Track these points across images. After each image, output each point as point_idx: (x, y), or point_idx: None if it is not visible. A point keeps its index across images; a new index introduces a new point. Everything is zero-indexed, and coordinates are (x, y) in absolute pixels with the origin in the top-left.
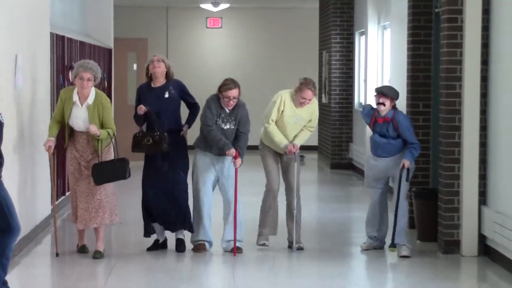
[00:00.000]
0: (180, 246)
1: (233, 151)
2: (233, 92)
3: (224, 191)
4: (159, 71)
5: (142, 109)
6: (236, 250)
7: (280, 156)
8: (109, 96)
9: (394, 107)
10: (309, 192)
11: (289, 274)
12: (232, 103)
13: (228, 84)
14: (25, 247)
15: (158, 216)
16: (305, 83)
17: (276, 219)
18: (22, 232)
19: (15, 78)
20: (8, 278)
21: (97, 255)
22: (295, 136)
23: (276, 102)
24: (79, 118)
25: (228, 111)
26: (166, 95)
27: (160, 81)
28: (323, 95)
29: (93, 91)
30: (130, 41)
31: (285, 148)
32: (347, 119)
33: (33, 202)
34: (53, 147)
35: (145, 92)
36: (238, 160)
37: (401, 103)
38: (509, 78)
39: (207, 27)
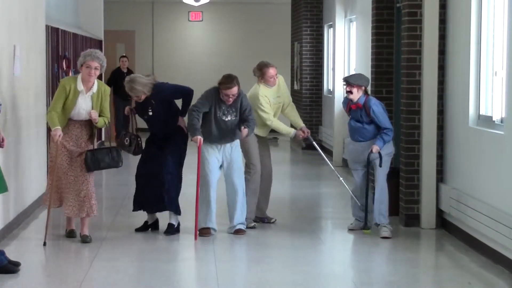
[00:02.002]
0: (168, 229)
1: (197, 138)
2: (233, 91)
3: (229, 177)
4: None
5: (126, 110)
6: (239, 232)
7: (257, 138)
8: None
9: (366, 93)
10: (283, 171)
11: (264, 246)
12: (231, 99)
13: (227, 82)
14: (23, 221)
15: (141, 197)
16: (263, 66)
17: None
18: (20, 207)
19: (14, 67)
20: (6, 249)
21: (87, 239)
22: (294, 120)
23: (263, 102)
24: (82, 108)
25: (228, 104)
26: (150, 113)
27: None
28: (295, 83)
29: (95, 80)
30: (119, 33)
31: (296, 135)
32: (317, 104)
33: (30, 178)
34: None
35: (137, 103)
36: (245, 131)
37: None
38: (463, 66)
39: (189, 20)
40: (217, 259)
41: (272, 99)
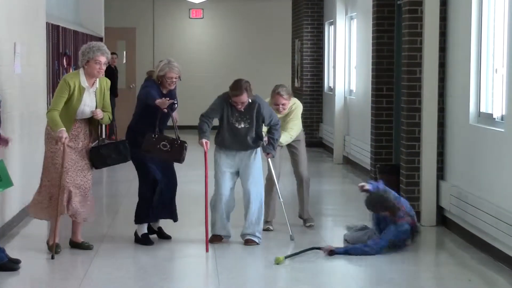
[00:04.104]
0: (165, 233)
1: (202, 142)
2: (241, 98)
3: (244, 184)
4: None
5: (162, 102)
6: (248, 243)
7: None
8: None
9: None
10: (284, 168)
11: (264, 243)
12: (241, 106)
13: (234, 89)
14: (23, 219)
15: (160, 204)
16: (274, 92)
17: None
18: (21, 204)
19: (14, 64)
20: (6, 246)
21: (90, 245)
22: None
23: None
24: (87, 105)
25: (241, 111)
26: (176, 105)
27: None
28: (296, 80)
29: None
30: (120, 30)
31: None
32: (317, 102)
33: (31, 176)
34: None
35: (160, 96)
36: (269, 156)
37: (367, 87)
38: (464, 63)
39: (189, 18)
40: (217, 256)
41: None
